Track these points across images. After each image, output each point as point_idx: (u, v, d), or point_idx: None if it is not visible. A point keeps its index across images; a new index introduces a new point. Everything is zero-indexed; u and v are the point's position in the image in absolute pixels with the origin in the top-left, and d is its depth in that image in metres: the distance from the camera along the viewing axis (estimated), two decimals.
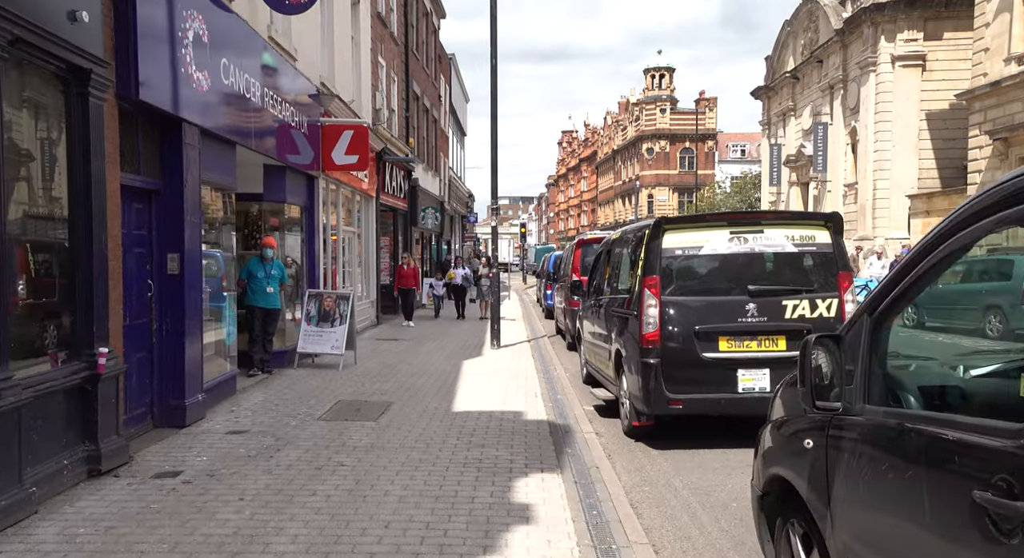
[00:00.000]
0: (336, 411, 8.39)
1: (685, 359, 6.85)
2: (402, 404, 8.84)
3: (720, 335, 6.84)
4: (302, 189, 12.24)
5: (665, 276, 6.99)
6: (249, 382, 9.96)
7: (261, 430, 7.33)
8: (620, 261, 8.41)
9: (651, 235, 7.05)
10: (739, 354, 6.83)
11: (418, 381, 10.51)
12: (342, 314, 11.47)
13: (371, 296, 18.74)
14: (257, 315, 10.58)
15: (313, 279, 12.60)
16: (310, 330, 11.39)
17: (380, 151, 18.53)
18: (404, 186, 22.98)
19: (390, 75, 21.26)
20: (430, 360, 12.68)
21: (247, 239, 11.60)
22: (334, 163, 12.93)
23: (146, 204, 7.11)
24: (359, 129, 12.94)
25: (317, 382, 10.21)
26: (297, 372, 10.97)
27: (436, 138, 30.66)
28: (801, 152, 40.32)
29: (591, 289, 10.38)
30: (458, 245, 39.23)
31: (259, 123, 9.71)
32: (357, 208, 17.28)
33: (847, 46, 35.58)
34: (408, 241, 23.86)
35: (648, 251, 7.05)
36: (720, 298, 6.94)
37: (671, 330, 6.88)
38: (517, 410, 8.58)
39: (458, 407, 8.72)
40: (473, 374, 11.19)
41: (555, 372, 11.60)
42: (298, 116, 11.43)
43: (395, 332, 17.29)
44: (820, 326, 6.79)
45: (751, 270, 7.10)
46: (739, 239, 6.98)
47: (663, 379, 6.83)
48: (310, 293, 11.64)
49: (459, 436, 7.27)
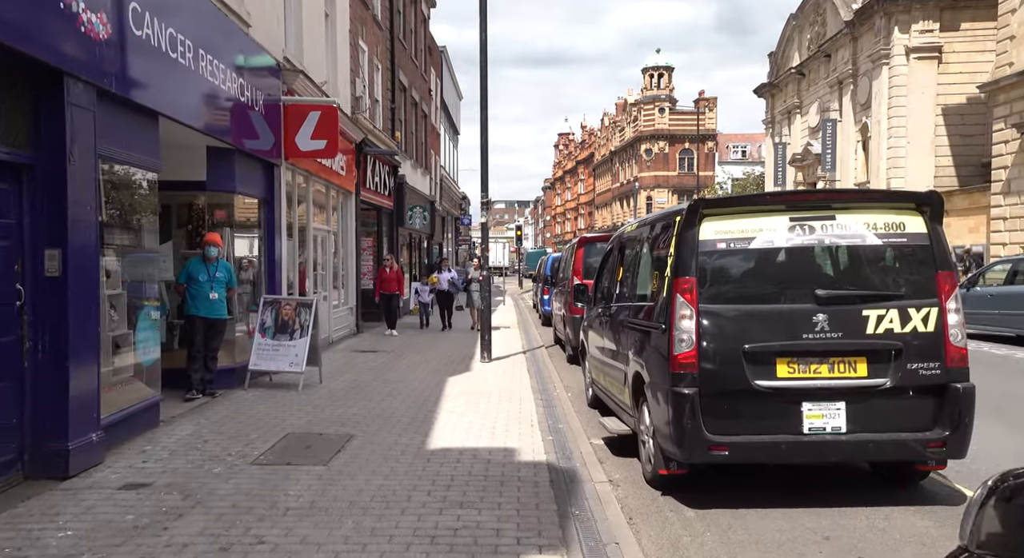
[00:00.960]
0: (280, 449, 6.62)
1: (731, 389, 5.12)
2: (366, 438, 7.09)
3: (778, 356, 5.11)
4: (258, 178, 10.48)
5: (703, 277, 5.25)
6: (182, 409, 8.19)
7: (170, 482, 5.56)
8: (638, 259, 6.67)
9: (684, 223, 5.32)
10: (804, 382, 5.10)
11: (391, 405, 8.75)
12: (303, 325, 9.71)
13: (350, 302, 16.97)
14: (198, 327, 8.81)
15: (273, 284, 10.84)
16: (265, 344, 9.62)
17: (360, 142, 16.80)
18: (390, 183, 21.24)
19: (373, 62, 19.54)
20: (409, 377, 10.92)
21: (191, 236, 9.83)
22: (298, 149, 11.18)
23: (12, 183, 5.36)
24: (327, 110, 11.20)
25: (267, 408, 8.44)
26: (247, 395, 9.19)
27: (426, 134, 28.94)
28: (808, 151, 38.71)
29: (598, 294, 8.64)
30: (450, 248, 37.40)
31: (195, 93, 7.97)
32: (333, 204, 15.52)
33: (857, 39, 33.99)
34: (394, 242, 22.10)
35: (681, 244, 5.31)
36: (778, 307, 5.20)
37: (712, 350, 5.14)
38: (508, 446, 6.83)
39: (435, 442, 6.97)
40: (458, 395, 9.43)
41: (555, 392, 9.85)
42: (251, 91, 9.68)
43: (375, 342, 15.51)
44: (914, 344, 5.06)
45: (819, 269, 5.38)
46: (802, 228, 5.24)
47: (702, 415, 5.09)
48: (265, 300, 9.88)
49: (431, 488, 5.52)
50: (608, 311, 7.63)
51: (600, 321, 7.98)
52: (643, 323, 5.95)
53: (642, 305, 6.17)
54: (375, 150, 17.98)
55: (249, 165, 10.10)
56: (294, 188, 12.41)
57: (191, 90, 7.85)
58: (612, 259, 8.01)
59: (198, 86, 8.02)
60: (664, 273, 5.53)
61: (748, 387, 5.09)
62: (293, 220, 12.52)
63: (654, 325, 5.62)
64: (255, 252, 10.88)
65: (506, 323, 20.57)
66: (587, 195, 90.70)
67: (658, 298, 5.65)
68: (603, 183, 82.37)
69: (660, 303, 5.57)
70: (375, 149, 17.96)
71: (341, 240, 16.56)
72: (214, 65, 8.37)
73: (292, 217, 12.51)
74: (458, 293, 18.80)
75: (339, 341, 15.32)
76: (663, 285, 5.52)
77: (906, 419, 5.06)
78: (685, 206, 5.44)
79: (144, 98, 6.82)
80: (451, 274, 18.94)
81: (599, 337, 8.01)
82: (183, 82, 7.60)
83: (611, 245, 8.34)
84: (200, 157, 9.17)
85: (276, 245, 10.96)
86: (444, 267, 19.40)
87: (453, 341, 15.88)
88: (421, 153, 27.82)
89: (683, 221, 5.34)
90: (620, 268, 7.52)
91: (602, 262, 8.62)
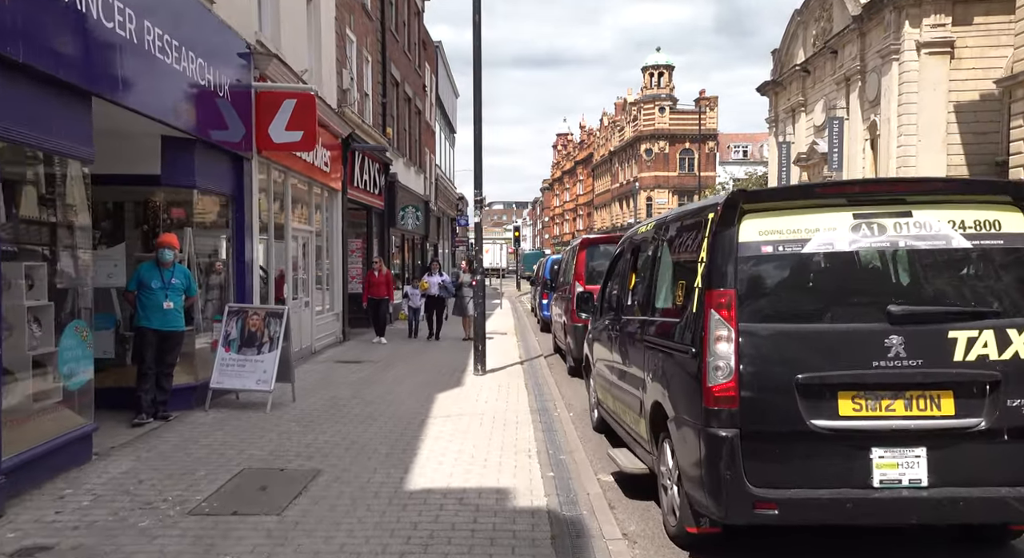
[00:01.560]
0: (229, 492, 5.55)
1: (781, 430, 4.06)
2: (335, 474, 6.02)
3: (841, 389, 4.05)
4: (225, 173, 9.41)
5: (744, 289, 4.19)
6: (126, 437, 7.10)
7: (78, 544, 4.48)
8: (656, 265, 5.60)
9: (720, 221, 4.25)
10: (874, 422, 4.04)
11: (369, 429, 7.68)
12: (273, 337, 8.63)
13: (336, 308, 15.89)
14: (150, 340, 7.73)
15: (243, 290, 9.76)
16: (229, 359, 8.54)
17: (347, 137, 15.73)
18: (380, 181, 20.16)
19: (362, 53, 18.47)
20: (394, 393, 9.84)
21: (147, 237, 8.75)
22: (271, 141, 10.10)
23: None
24: (304, 98, 10.13)
25: (226, 434, 7.36)
26: (206, 418, 8.10)
27: (420, 131, 27.87)
28: (813, 149, 37.68)
29: (605, 303, 7.58)
30: (445, 251, 36.27)
31: (141, 73, 6.89)
32: (316, 202, 14.44)
33: (865, 34, 32.95)
34: (385, 244, 21.02)
35: (715, 248, 4.24)
36: (840, 327, 4.14)
37: (756, 381, 4.08)
38: (502, 486, 5.76)
39: (415, 480, 5.90)
40: (446, 417, 8.36)
41: (555, 412, 8.78)
42: (215, 75, 8.61)
43: (361, 351, 14.43)
44: (1016, 375, 4.00)
45: (892, 279, 4.31)
46: (870, 226, 4.17)
47: (744, 464, 4.03)
48: (230, 309, 8.80)
49: (404, 549, 4.45)
50: (618, 323, 6.56)
51: (609, 335, 6.91)
52: (665, 343, 4.88)
53: (663, 321, 5.09)
54: (363, 146, 16.91)
55: (214, 158, 9.02)
56: (269, 184, 11.34)
57: (136, 69, 6.76)
58: (622, 264, 6.93)
59: (145, 65, 6.94)
60: (693, 283, 4.45)
61: (802, 428, 4.02)
62: (269, 220, 11.45)
63: (680, 347, 4.55)
64: (223, 255, 9.81)
65: (502, 329, 19.50)
66: (586, 196, 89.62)
67: (684, 313, 4.58)
68: (602, 184, 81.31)
69: (687, 320, 4.50)
70: (363, 145, 16.90)
71: (326, 241, 15.49)
72: (166, 42, 7.29)
73: (268, 216, 11.45)
74: (450, 298, 16.93)
75: (323, 350, 14.24)
76: (692, 298, 4.45)
77: (1004, 469, 3.99)
78: (720, 199, 4.37)
79: (70, 74, 5.74)
80: (443, 278, 16.99)
81: (607, 353, 6.94)
82: (124, 59, 6.52)
83: (621, 248, 7.27)
84: (154, 148, 8.09)
85: (247, 247, 9.89)
86: (435, 270, 17.30)
87: (444, 351, 14.80)
88: (415, 151, 26.75)
89: (718, 218, 4.27)
90: (632, 275, 6.45)
91: (610, 267, 7.55)
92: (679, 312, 4.75)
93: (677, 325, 4.69)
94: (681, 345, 4.54)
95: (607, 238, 12.83)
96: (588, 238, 12.42)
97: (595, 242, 12.12)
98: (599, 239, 12.76)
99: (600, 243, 12.16)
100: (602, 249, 11.98)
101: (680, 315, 4.66)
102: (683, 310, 4.63)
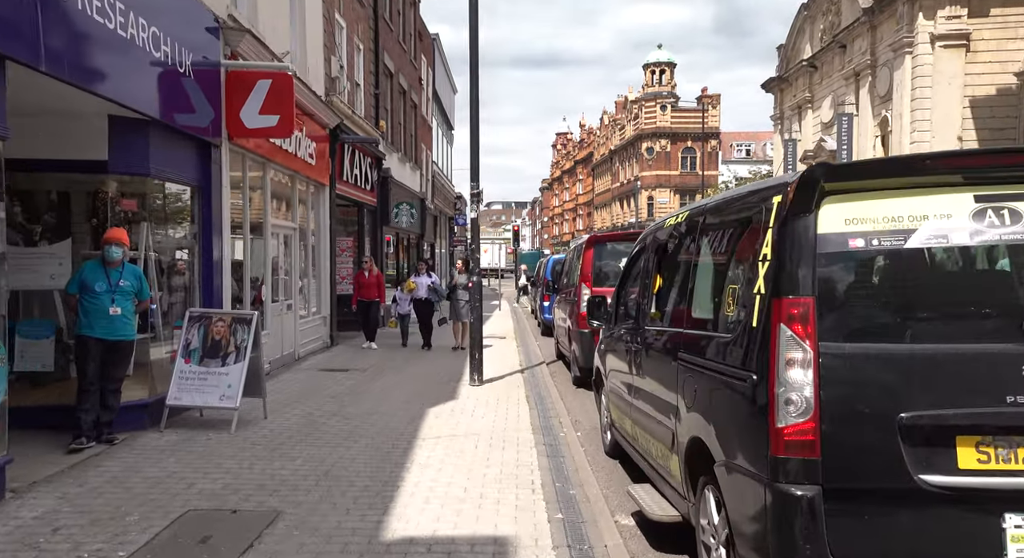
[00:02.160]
0: (161, 546, 4.48)
1: (878, 488, 3.01)
2: (298, 517, 4.96)
3: (961, 433, 3.01)
4: (190, 161, 8.35)
5: (826, 297, 3.13)
6: (58, 466, 6.03)
7: None
8: (692, 265, 4.54)
9: (793, 206, 3.20)
10: (1007, 479, 2.99)
11: (347, 454, 6.62)
12: (240, 346, 7.57)
13: (323, 311, 14.81)
14: (92, 351, 6.66)
15: (210, 293, 8.70)
16: (189, 371, 7.48)
17: (335, 128, 14.66)
18: (373, 176, 19.11)
19: (353, 41, 17.42)
20: (380, 408, 8.79)
21: (97, 232, 7.68)
22: (244, 126, 9.04)
23: None
24: (280, 78, 9.06)
25: (177, 462, 6.29)
26: (160, 440, 7.03)
27: (416, 126, 26.80)
28: (821, 146, 36.63)
29: (621, 309, 6.53)
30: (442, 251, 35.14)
31: (75, 37, 5.83)
32: (301, 197, 13.38)
33: (876, 27, 31.92)
34: (377, 243, 19.95)
35: (786, 241, 3.19)
36: (960, 348, 3.08)
37: (844, 419, 3.04)
38: (500, 534, 4.70)
39: (394, 526, 4.84)
40: (436, 438, 7.30)
41: (561, 432, 7.72)
42: (175, 48, 7.55)
43: (349, 358, 13.37)
44: None
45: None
46: (999, 213, 3.12)
47: (827, 532, 2.98)
48: (191, 315, 7.72)
49: None
50: (639, 334, 5.51)
51: (627, 346, 5.85)
52: (710, 364, 3.82)
53: (704, 335, 4.03)
54: (353, 137, 15.84)
55: (175, 143, 7.97)
56: (244, 176, 10.28)
57: (66, 33, 5.70)
58: (644, 263, 5.86)
59: (79, 28, 5.88)
60: (753, 289, 3.39)
61: (908, 485, 2.97)
62: (244, 215, 10.40)
63: (733, 371, 3.49)
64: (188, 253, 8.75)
65: (501, 332, 18.45)
66: (586, 195, 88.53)
67: (738, 328, 3.52)
68: (602, 183, 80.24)
69: (744, 336, 3.44)
70: (353, 136, 15.82)
71: (313, 239, 14.43)
72: (107, 3, 6.22)
73: (244, 211, 10.39)
74: (440, 301, 14.98)
75: (307, 357, 13.18)
76: (750, 307, 3.39)
77: None
78: (791, 178, 3.31)
79: None
80: (432, 279, 15.11)
81: (624, 367, 5.89)
82: (48, 18, 5.46)
83: (640, 245, 6.21)
84: (100, 129, 7.03)
85: (215, 244, 8.82)
86: (424, 270, 15.26)
87: (438, 358, 13.71)
88: (410, 146, 25.68)
89: (789, 203, 3.21)
90: (657, 277, 5.39)
91: (627, 267, 6.49)
92: (729, 325, 3.69)
93: (727, 343, 3.63)
94: (734, 369, 3.48)
95: (617, 235, 11.77)
96: (596, 235, 11.34)
97: (604, 240, 11.04)
98: (608, 236, 11.70)
99: (609, 241, 11.09)
100: (610, 248, 10.92)
101: (736, 330, 3.59)
102: (736, 323, 3.57)
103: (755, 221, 3.55)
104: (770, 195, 3.43)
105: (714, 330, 3.90)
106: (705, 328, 4.06)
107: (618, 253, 10.88)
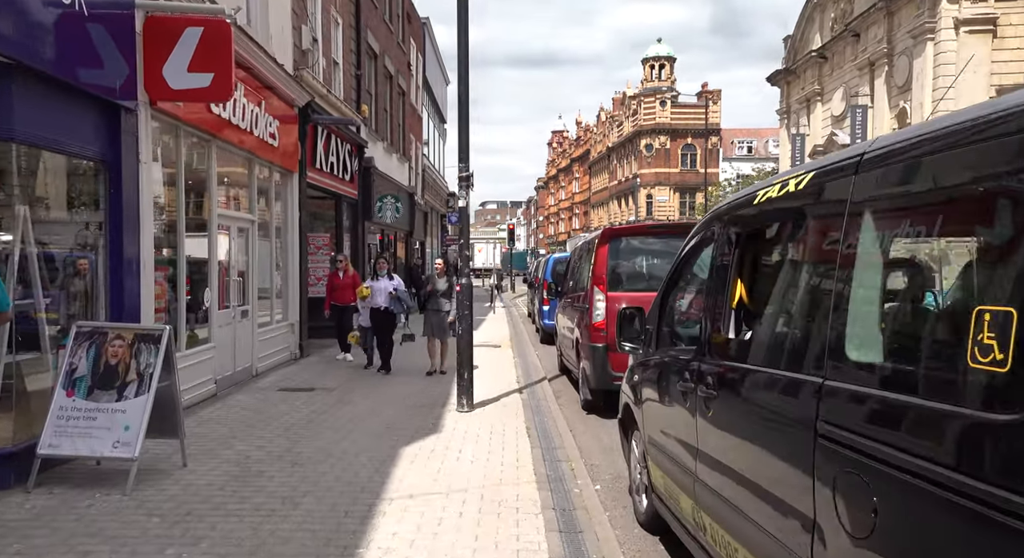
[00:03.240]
0: None
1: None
2: None
3: None
4: (90, 127, 6.40)
5: None
6: None
7: None
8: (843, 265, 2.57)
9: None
10: None
11: (278, 530, 4.67)
12: (144, 373, 5.61)
13: (290, 317, 12.84)
14: None
15: (119, 300, 6.74)
16: (72, 408, 5.51)
17: (304, 106, 12.72)
18: (353, 166, 17.15)
19: (330, 12, 15.46)
20: (341, 446, 6.85)
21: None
22: (168, 86, 7.08)
23: None
24: (215, 25, 7.09)
25: (30, 546, 4.33)
26: (22, 507, 5.06)
27: (405, 114, 24.84)
28: (832, 141, 34.83)
29: (664, 327, 4.59)
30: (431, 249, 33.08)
31: None
32: (261, 185, 11.43)
33: (893, 13, 30.11)
34: (358, 241, 18.00)
35: None
36: None
37: None
38: None
39: None
40: (408, 498, 5.36)
41: (575, 487, 5.79)
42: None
43: (318, 374, 11.40)
44: None
45: None
46: None
47: None
48: (78, 331, 5.73)
49: None
50: (709, 371, 3.57)
51: (684, 387, 3.90)
52: (932, 470, 1.87)
53: (910, 404, 2.08)
54: (327, 118, 13.90)
55: (64, 102, 6.01)
56: (178, 152, 8.33)
57: None
58: (711, 265, 3.91)
59: None
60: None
61: None
62: (178, 201, 8.44)
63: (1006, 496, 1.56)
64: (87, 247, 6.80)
65: (495, 340, 16.51)
66: (582, 194, 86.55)
67: (987, 386, 1.59)
68: (599, 181, 78.31)
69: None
70: (327, 117, 13.89)
71: (279, 235, 12.48)
72: None
73: (177, 197, 8.44)
74: (406, 312, 11.74)
75: (268, 372, 11.21)
76: (1005, 346, 1.45)
77: None
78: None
79: None
80: (394, 282, 11.65)
81: (678, 418, 3.96)
82: None
83: (698, 236, 4.25)
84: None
85: (128, 237, 6.86)
86: (384, 269, 11.71)
87: (416, 379, 11.68)
88: (398, 135, 23.73)
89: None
90: (737, 283, 3.45)
91: (678, 266, 4.53)
92: (981, 387, 1.76)
93: (984, 427, 1.70)
94: (980, 478, 1.55)
95: (637, 228, 9.87)
96: (613, 229, 9.34)
97: (621, 233, 9.04)
98: (627, 230, 9.73)
99: (626, 235, 9.10)
100: (628, 244, 8.97)
101: (989, 395, 1.66)
102: (970, 375, 1.64)
103: (997, 189, 1.62)
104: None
105: (930, 395, 1.95)
106: (897, 385, 2.12)
107: (638, 250, 8.97)
